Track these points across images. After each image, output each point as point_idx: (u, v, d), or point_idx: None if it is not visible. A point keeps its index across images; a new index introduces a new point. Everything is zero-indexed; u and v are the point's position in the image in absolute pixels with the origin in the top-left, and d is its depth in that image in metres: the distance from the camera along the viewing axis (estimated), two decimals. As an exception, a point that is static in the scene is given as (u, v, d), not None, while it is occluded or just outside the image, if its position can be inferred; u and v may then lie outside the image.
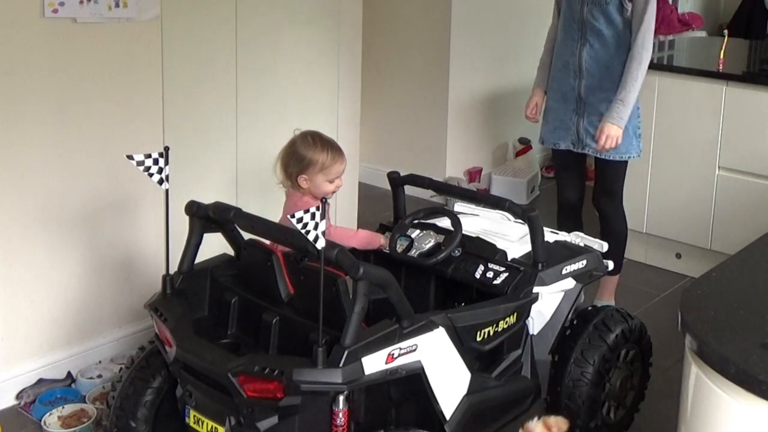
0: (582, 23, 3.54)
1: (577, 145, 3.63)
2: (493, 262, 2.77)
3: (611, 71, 3.51)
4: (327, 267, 2.16)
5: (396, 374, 2.27)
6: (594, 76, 3.54)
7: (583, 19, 3.53)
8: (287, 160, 2.76)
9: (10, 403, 3.13)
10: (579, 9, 3.54)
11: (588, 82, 3.55)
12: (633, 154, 3.62)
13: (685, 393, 1.81)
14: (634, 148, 3.61)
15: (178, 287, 2.53)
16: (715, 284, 1.95)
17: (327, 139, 2.81)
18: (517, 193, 5.26)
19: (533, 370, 2.80)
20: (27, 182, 3.04)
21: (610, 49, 3.51)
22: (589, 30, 3.52)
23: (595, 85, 3.54)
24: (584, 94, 3.57)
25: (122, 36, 3.17)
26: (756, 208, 4.00)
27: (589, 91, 3.56)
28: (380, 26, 5.41)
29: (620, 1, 3.45)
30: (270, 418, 2.22)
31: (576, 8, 3.55)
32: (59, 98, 3.06)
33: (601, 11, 3.48)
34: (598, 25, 3.50)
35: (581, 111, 3.59)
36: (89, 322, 3.31)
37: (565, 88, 3.62)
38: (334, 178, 2.76)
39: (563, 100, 3.64)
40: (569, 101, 3.61)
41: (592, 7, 3.50)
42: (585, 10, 3.52)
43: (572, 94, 3.60)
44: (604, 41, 3.51)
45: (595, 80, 3.54)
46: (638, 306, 3.88)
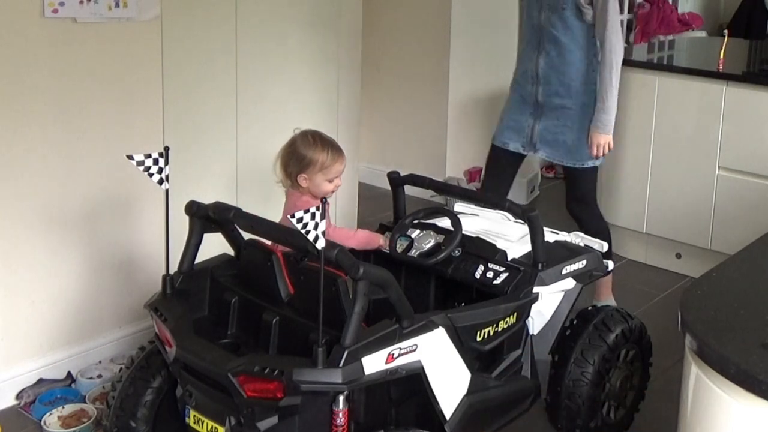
0: (539, 30, 3.52)
1: (528, 147, 3.63)
2: (493, 262, 2.77)
3: (567, 78, 3.50)
4: (327, 267, 2.16)
5: (396, 374, 2.27)
6: (550, 83, 3.53)
7: (541, 26, 3.51)
8: (287, 159, 2.76)
9: (10, 403, 3.13)
10: (537, 15, 3.51)
11: (545, 88, 3.56)
12: (589, 162, 3.60)
13: (685, 393, 1.81)
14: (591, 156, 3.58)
15: (178, 287, 2.53)
16: (715, 284, 1.95)
17: (327, 138, 2.81)
18: (517, 193, 5.25)
19: (533, 370, 2.80)
20: (27, 182, 3.04)
21: (568, 56, 3.49)
22: (546, 37, 3.50)
23: (552, 92, 3.54)
24: (542, 99, 3.58)
25: (122, 36, 3.17)
26: (756, 208, 4.00)
27: (546, 98, 3.56)
28: (380, 26, 5.41)
29: (577, 7, 3.42)
30: (270, 418, 2.22)
31: (534, 15, 3.53)
32: (59, 98, 3.06)
33: (558, 17, 3.46)
34: (555, 32, 3.47)
35: (538, 115, 3.60)
36: (89, 322, 3.31)
37: (525, 93, 3.63)
38: (334, 177, 2.76)
39: (522, 102, 3.65)
40: (527, 104, 3.63)
41: (549, 13, 3.47)
42: (542, 16, 3.50)
43: (531, 99, 3.61)
44: (561, 48, 3.49)
45: (552, 87, 3.54)
46: (638, 306, 3.88)
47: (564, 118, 3.56)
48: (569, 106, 3.54)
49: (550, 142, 3.59)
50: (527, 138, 3.64)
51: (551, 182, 5.94)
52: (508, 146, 3.69)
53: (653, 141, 4.33)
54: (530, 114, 3.62)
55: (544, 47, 3.52)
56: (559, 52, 3.50)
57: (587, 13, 3.42)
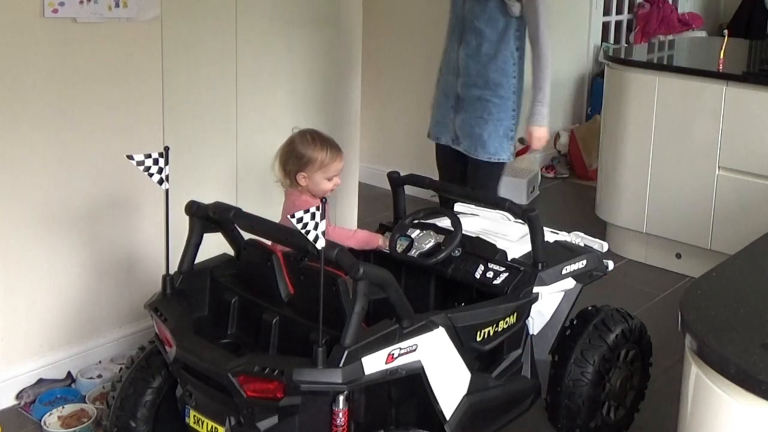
0: (462, 21, 3.50)
1: (455, 141, 3.62)
2: (493, 262, 2.77)
3: (487, 70, 3.48)
4: (327, 267, 2.16)
5: (396, 374, 2.27)
6: (470, 75, 3.52)
7: (464, 17, 3.49)
8: (286, 158, 2.76)
9: (10, 403, 3.13)
10: (460, 5, 3.49)
11: (464, 80, 3.54)
12: (503, 156, 3.58)
13: (685, 393, 1.81)
14: (505, 150, 3.57)
15: (178, 287, 2.53)
16: (715, 284, 1.95)
17: (325, 137, 2.81)
18: (517, 193, 5.26)
19: (533, 370, 2.80)
20: (27, 182, 3.04)
21: (489, 48, 3.47)
22: (468, 28, 3.48)
23: (471, 84, 3.53)
24: (461, 91, 3.56)
25: (122, 36, 3.17)
26: (756, 208, 4.00)
27: (465, 90, 3.55)
28: (380, 26, 5.40)
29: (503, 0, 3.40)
30: (270, 418, 2.22)
31: (458, 5, 3.51)
32: (59, 98, 3.06)
33: (481, 9, 3.43)
34: (477, 23, 3.45)
35: (458, 108, 3.59)
36: (89, 322, 3.31)
37: (447, 85, 3.63)
38: (333, 176, 2.77)
39: (446, 96, 3.64)
40: (450, 98, 3.62)
41: (473, 4, 3.45)
42: (466, 7, 3.48)
43: (452, 92, 3.60)
44: (483, 40, 3.46)
45: (471, 79, 3.52)
46: (638, 306, 3.88)
47: (481, 110, 3.53)
48: (487, 98, 3.51)
49: (468, 134, 3.56)
50: (452, 132, 3.62)
51: (551, 182, 5.95)
52: (440, 140, 3.69)
53: (653, 141, 4.33)
54: (452, 107, 3.61)
55: (465, 38, 3.50)
56: (479, 43, 3.47)
57: (513, 6, 3.39)
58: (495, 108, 3.52)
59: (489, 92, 3.50)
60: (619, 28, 6.91)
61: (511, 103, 3.53)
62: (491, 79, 3.49)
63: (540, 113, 3.49)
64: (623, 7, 6.90)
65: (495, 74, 3.48)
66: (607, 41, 6.70)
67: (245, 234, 2.55)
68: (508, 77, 3.51)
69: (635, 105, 4.39)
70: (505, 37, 3.45)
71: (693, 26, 6.84)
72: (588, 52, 6.47)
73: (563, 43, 6.22)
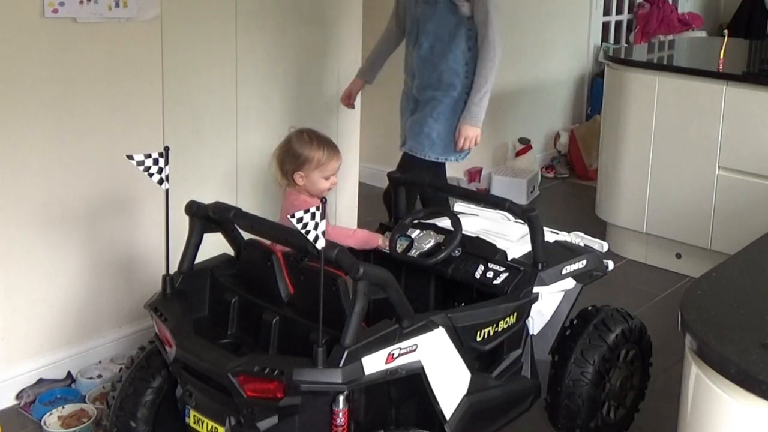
0: (416, 24, 3.49)
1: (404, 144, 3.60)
2: (493, 262, 2.77)
3: (439, 71, 3.47)
4: (327, 267, 2.16)
5: (396, 374, 2.27)
6: (423, 76, 3.51)
7: (417, 19, 3.48)
8: (283, 157, 2.77)
9: (10, 403, 3.13)
10: (414, 9, 3.48)
11: (419, 82, 3.53)
12: (452, 156, 3.55)
13: (685, 393, 1.81)
14: (453, 152, 3.54)
15: (178, 287, 2.53)
16: (715, 284, 1.95)
17: (322, 136, 2.82)
18: (517, 193, 5.27)
19: (533, 370, 2.80)
20: (27, 182, 3.04)
21: (440, 49, 3.45)
22: (421, 30, 3.47)
23: (425, 85, 3.52)
24: (417, 94, 3.55)
25: (122, 36, 3.17)
26: (756, 208, 4.00)
27: (420, 92, 3.54)
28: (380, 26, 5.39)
29: (452, 1, 3.39)
30: (270, 418, 2.22)
31: (411, 9, 3.50)
32: (59, 98, 3.06)
33: (432, 10, 3.43)
34: (429, 25, 3.44)
35: (414, 110, 3.58)
36: (89, 322, 3.31)
37: (407, 88, 3.63)
38: (330, 174, 2.77)
39: (406, 99, 3.65)
40: (409, 101, 3.61)
41: (423, 6, 3.44)
42: (418, 9, 3.46)
43: (410, 94, 3.60)
44: (433, 41, 3.45)
45: (425, 80, 3.51)
46: (638, 306, 3.88)
47: (431, 109, 3.51)
48: (440, 98, 3.49)
49: (415, 134, 3.53)
50: (403, 134, 3.60)
51: (551, 182, 5.95)
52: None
53: (653, 141, 4.33)
54: (410, 110, 3.59)
55: (418, 40, 3.49)
56: (431, 44, 3.46)
57: (462, 6, 3.38)
58: (446, 108, 3.50)
59: (441, 93, 3.49)
60: (619, 28, 6.91)
61: (462, 103, 3.49)
62: (444, 80, 3.47)
63: (473, 113, 3.45)
64: (623, 7, 6.90)
65: (447, 75, 3.47)
66: (607, 41, 6.70)
67: (245, 234, 2.56)
68: (460, 77, 3.48)
69: (635, 105, 4.39)
70: (456, 38, 3.43)
71: (693, 26, 6.85)
72: (588, 52, 6.48)
73: (563, 43, 6.23)
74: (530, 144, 5.80)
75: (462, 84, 3.49)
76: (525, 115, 5.97)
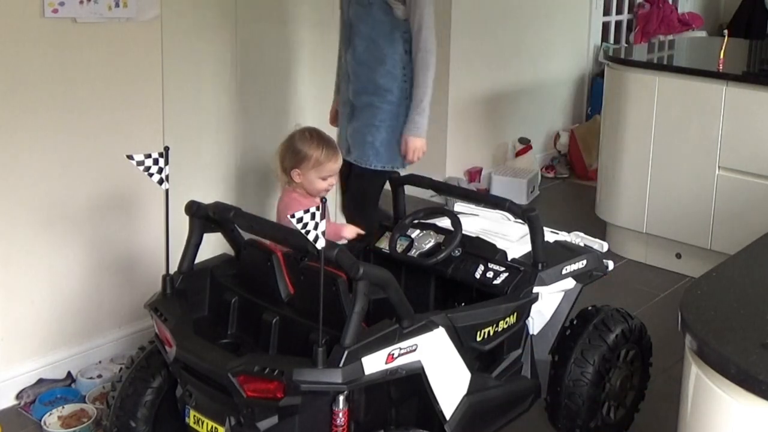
0: (349, 25, 3.38)
1: (348, 152, 3.41)
2: (493, 262, 2.77)
3: (376, 75, 3.35)
4: (327, 267, 2.16)
5: (396, 374, 2.27)
6: (360, 81, 3.38)
7: (350, 21, 3.37)
8: (284, 153, 2.80)
9: (10, 403, 3.13)
10: (346, 10, 3.38)
11: (355, 87, 3.41)
12: (397, 164, 3.42)
13: (685, 393, 1.81)
14: (398, 159, 3.42)
15: (178, 287, 2.53)
16: (715, 284, 1.95)
17: (325, 136, 2.83)
18: (517, 193, 5.26)
19: (533, 370, 2.80)
20: (27, 182, 3.04)
21: (376, 53, 3.33)
22: (354, 32, 3.36)
23: (361, 90, 3.39)
24: (353, 99, 3.43)
25: (122, 36, 3.17)
26: (756, 208, 4.00)
27: (356, 97, 3.41)
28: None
29: (386, 2, 3.28)
30: (270, 418, 2.22)
31: (345, 10, 3.40)
32: (59, 98, 3.06)
33: (365, 12, 3.31)
34: (362, 27, 3.33)
35: (351, 117, 3.44)
36: (89, 322, 3.31)
37: (343, 93, 3.50)
38: (327, 176, 2.78)
39: (343, 105, 3.52)
40: (346, 106, 3.48)
41: (356, 8, 3.33)
42: (351, 11, 3.36)
43: (346, 99, 3.47)
44: (368, 43, 3.34)
45: (361, 85, 3.38)
46: (638, 306, 3.88)
47: (372, 117, 3.38)
48: (378, 104, 3.36)
49: (360, 143, 3.40)
50: (345, 142, 3.45)
51: (551, 182, 5.95)
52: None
53: (653, 141, 4.33)
54: (347, 115, 3.45)
55: (353, 43, 3.38)
56: (366, 47, 3.34)
57: (397, 8, 3.28)
58: (386, 115, 3.37)
59: (378, 98, 3.36)
60: (619, 28, 6.91)
61: (403, 108, 3.36)
62: (381, 85, 3.34)
63: (416, 123, 3.33)
64: (623, 7, 6.90)
65: (384, 79, 3.34)
66: (607, 41, 6.70)
67: (245, 234, 2.56)
68: (397, 82, 3.35)
69: (635, 105, 4.38)
70: (392, 41, 3.32)
71: (693, 26, 6.84)
72: (588, 52, 6.48)
73: (563, 43, 6.23)
74: (530, 144, 5.80)
75: (400, 89, 3.36)
76: (525, 115, 5.97)
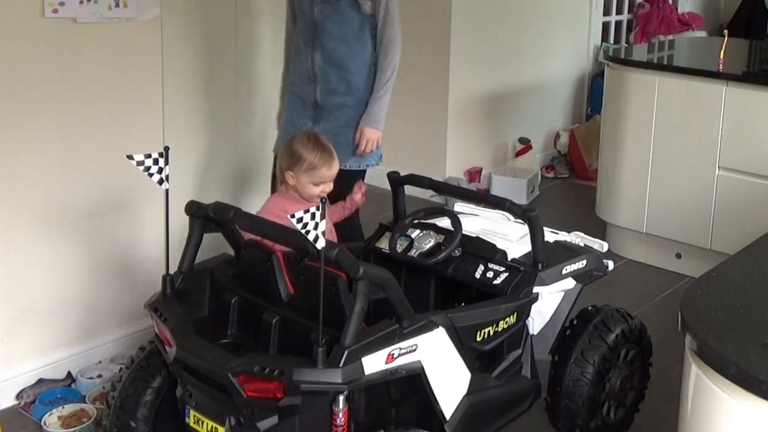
0: (314, 25, 3.33)
1: None
2: (493, 262, 2.77)
3: (347, 74, 3.33)
4: (327, 267, 2.16)
5: (396, 374, 2.27)
6: (329, 80, 3.34)
7: (315, 21, 3.32)
8: (282, 153, 2.82)
9: (10, 403, 3.13)
10: (309, 10, 3.32)
11: (323, 87, 3.36)
12: (372, 162, 3.44)
13: (685, 393, 1.81)
14: (374, 155, 3.44)
15: (178, 287, 2.53)
16: (715, 284, 1.95)
17: (323, 142, 2.83)
18: (517, 193, 5.26)
19: (533, 370, 2.80)
20: (27, 182, 3.04)
21: (346, 51, 3.32)
22: (321, 31, 3.31)
23: (331, 90, 3.35)
24: (320, 99, 3.37)
25: (122, 36, 3.17)
26: (756, 208, 4.00)
27: (325, 97, 3.37)
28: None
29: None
30: (270, 418, 2.22)
31: (306, 9, 3.34)
32: (59, 98, 3.06)
33: (333, 10, 3.28)
34: (330, 25, 3.30)
35: (318, 117, 3.39)
36: (89, 322, 3.31)
37: (303, 95, 3.42)
38: (320, 182, 2.78)
39: (302, 105, 3.43)
40: (306, 107, 3.41)
41: (323, 6, 3.29)
42: (316, 10, 3.31)
43: (309, 100, 3.40)
44: (338, 42, 3.31)
45: (331, 85, 3.35)
46: (638, 306, 3.88)
47: (344, 117, 3.37)
48: (349, 104, 3.36)
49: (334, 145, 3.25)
50: None
51: (551, 182, 5.95)
52: None
53: (653, 141, 4.33)
54: (310, 117, 3.40)
55: (320, 42, 3.32)
56: (335, 46, 3.31)
57: (365, 3, 3.28)
58: (358, 114, 3.37)
59: (350, 98, 3.35)
60: (619, 28, 6.91)
61: None
62: (352, 84, 3.34)
63: (374, 114, 3.34)
64: (623, 7, 6.90)
65: (355, 78, 3.34)
66: (607, 41, 6.70)
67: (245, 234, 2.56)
68: (369, 80, 3.36)
69: (635, 105, 4.38)
70: (361, 38, 3.31)
71: (693, 26, 6.84)
72: (588, 52, 6.48)
73: (563, 43, 6.23)
74: (530, 144, 5.80)
75: (366, 87, 3.36)
76: (525, 115, 5.97)
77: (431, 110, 5.43)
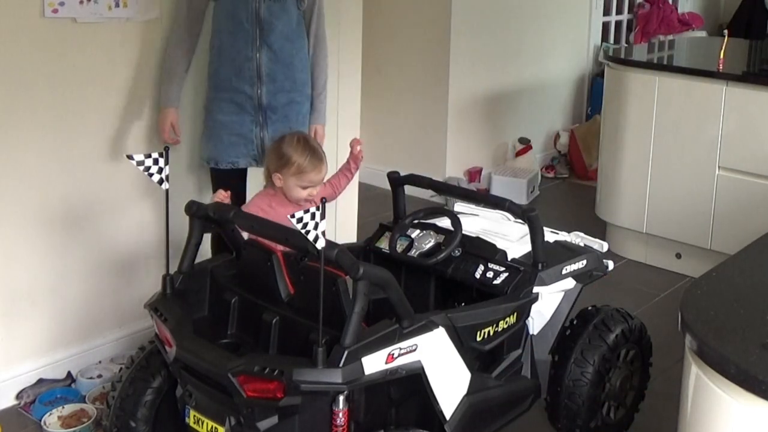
0: (258, 23, 3.21)
1: (261, 160, 3.21)
2: (493, 262, 2.77)
3: (293, 71, 3.27)
4: (327, 267, 2.16)
5: (396, 374, 2.27)
6: (277, 80, 3.23)
7: (260, 18, 3.20)
8: (270, 154, 2.79)
9: (10, 403, 3.14)
10: (253, 8, 3.18)
11: (270, 87, 3.22)
12: None
13: (685, 393, 1.81)
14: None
15: (178, 287, 2.53)
16: (715, 284, 1.95)
17: (314, 145, 2.82)
18: (517, 193, 5.27)
19: (533, 370, 2.80)
20: (27, 182, 3.04)
21: (290, 48, 3.26)
22: (268, 30, 3.20)
23: (278, 89, 3.24)
24: (267, 101, 3.23)
25: (122, 36, 3.17)
26: (756, 208, 4.00)
27: (271, 97, 3.23)
28: (380, 26, 5.40)
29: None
30: (270, 418, 2.22)
31: (248, 8, 3.19)
32: (59, 98, 3.06)
33: (279, 7, 3.21)
34: (278, 24, 3.21)
35: (263, 121, 3.24)
36: (89, 322, 3.31)
37: (240, 98, 3.22)
38: (308, 186, 2.76)
39: (238, 111, 3.23)
40: (246, 112, 3.23)
41: (270, 4, 3.20)
42: (261, 7, 3.19)
43: (251, 103, 3.22)
44: (284, 41, 3.24)
45: (279, 84, 3.24)
46: (638, 306, 3.88)
47: (293, 114, 3.31)
48: (298, 100, 3.30)
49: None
50: (258, 149, 3.25)
51: (551, 182, 5.95)
52: (238, 164, 3.27)
53: (653, 141, 4.33)
54: (252, 121, 3.23)
55: (266, 42, 3.21)
56: (282, 45, 3.23)
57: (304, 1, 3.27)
58: (306, 109, 3.34)
59: (298, 94, 3.30)
60: (619, 28, 6.91)
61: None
62: (298, 80, 3.29)
63: (323, 111, 3.38)
64: (623, 7, 6.90)
65: (301, 74, 3.29)
66: (607, 41, 6.70)
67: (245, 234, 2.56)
68: (308, 75, 3.34)
69: (635, 105, 4.39)
70: (300, 33, 3.29)
71: (693, 26, 6.84)
72: (588, 52, 6.48)
73: (563, 43, 6.23)
74: (530, 144, 5.80)
75: (307, 82, 3.34)
76: (525, 115, 5.98)
77: (431, 110, 5.43)
